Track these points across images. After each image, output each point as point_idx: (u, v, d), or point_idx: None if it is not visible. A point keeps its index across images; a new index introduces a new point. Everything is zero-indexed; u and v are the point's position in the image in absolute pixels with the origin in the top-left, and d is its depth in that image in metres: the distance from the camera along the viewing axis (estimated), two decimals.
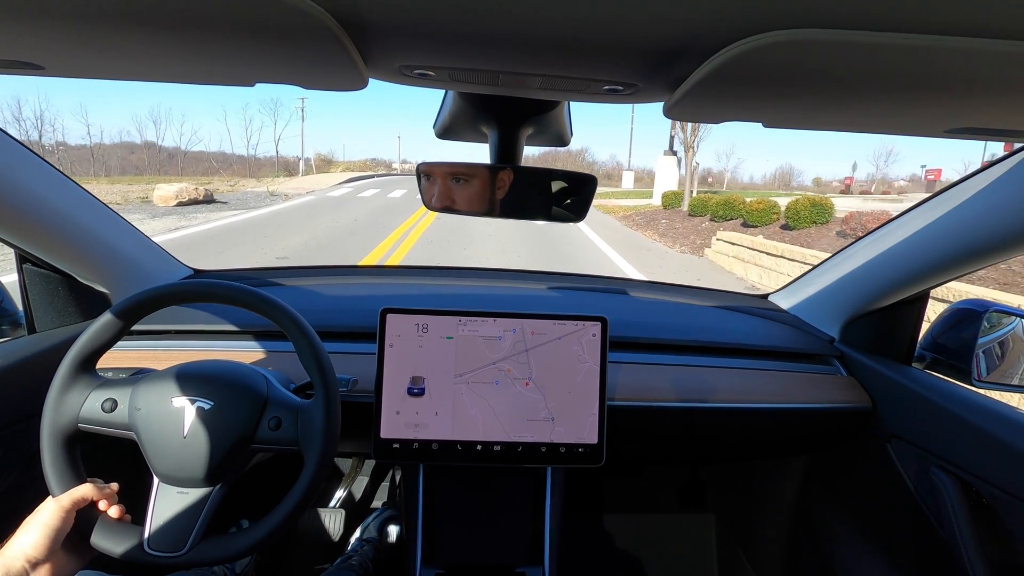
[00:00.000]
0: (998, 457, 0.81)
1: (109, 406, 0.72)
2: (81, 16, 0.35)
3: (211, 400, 0.71)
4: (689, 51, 0.38)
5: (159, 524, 0.70)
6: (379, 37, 0.39)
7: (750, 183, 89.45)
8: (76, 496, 0.67)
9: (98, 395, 0.72)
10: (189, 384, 0.73)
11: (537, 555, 0.96)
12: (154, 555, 0.68)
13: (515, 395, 0.91)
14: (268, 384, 0.76)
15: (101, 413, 0.71)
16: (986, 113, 0.46)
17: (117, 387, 0.73)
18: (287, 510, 0.71)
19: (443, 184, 0.70)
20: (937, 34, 0.31)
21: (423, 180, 0.70)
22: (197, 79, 0.53)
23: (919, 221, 0.90)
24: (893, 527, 1.04)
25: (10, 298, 1.01)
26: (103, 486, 0.71)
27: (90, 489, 0.69)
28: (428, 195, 0.71)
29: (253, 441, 0.72)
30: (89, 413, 0.71)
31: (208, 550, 0.70)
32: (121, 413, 0.72)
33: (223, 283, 0.75)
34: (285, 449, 0.73)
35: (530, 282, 1.38)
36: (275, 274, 1.32)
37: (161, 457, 0.70)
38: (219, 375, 0.75)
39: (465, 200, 0.70)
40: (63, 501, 0.66)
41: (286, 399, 0.75)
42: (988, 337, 0.96)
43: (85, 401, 0.72)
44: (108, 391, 0.73)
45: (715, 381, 1.06)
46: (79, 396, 0.72)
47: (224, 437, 0.71)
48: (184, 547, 0.69)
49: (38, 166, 0.84)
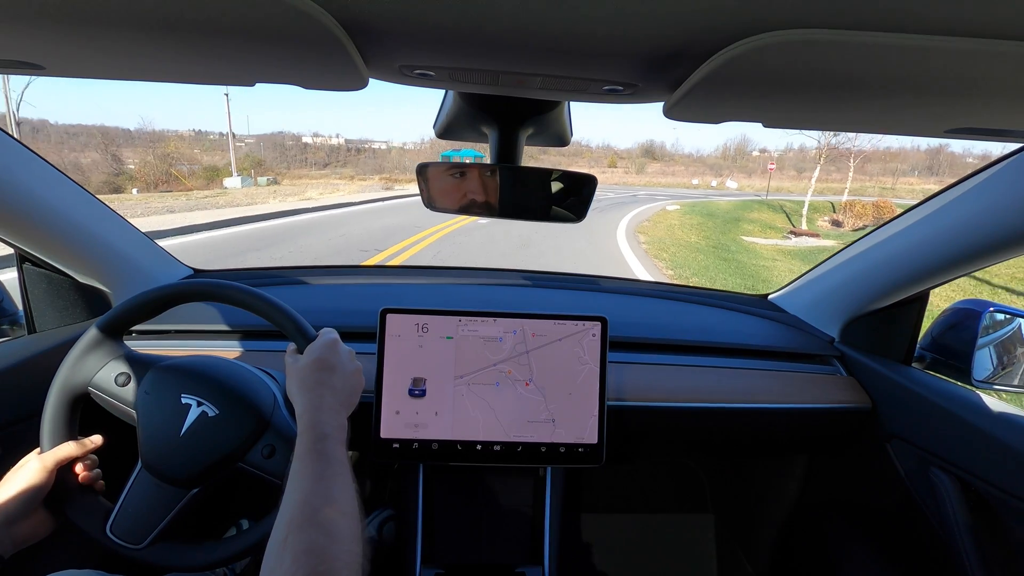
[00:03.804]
0: (998, 457, 0.81)
1: (123, 380, 0.72)
2: (82, 17, 0.35)
3: (217, 408, 0.71)
4: (689, 52, 0.38)
5: (127, 511, 0.70)
6: (380, 38, 0.39)
7: (698, 155, 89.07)
8: (60, 455, 0.68)
9: (116, 365, 0.73)
10: (203, 384, 0.73)
11: (537, 555, 0.96)
12: (112, 540, 0.68)
13: (515, 396, 0.91)
14: (275, 406, 0.76)
15: (113, 384, 0.72)
16: (986, 113, 0.46)
17: (136, 364, 0.74)
18: (250, 540, 0.70)
19: (443, 183, 0.70)
20: (937, 34, 0.31)
21: (423, 180, 0.70)
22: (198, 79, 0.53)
23: (919, 221, 0.90)
24: (893, 527, 1.04)
25: (10, 298, 1.01)
26: (85, 442, 0.72)
27: (74, 447, 0.70)
28: (428, 195, 0.71)
29: (242, 460, 0.72)
30: (102, 381, 0.72)
31: (163, 552, 0.69)
32: (131, 391, 0.72)
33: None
34: (268, 479, 0.72)
35: (530, 282, 1.38)
36: (275, 274, 1.32)
37: (152, 446, 0.70)
38: (233, 384, 0.74)
39: (465, 200, 0.70)
40: (46, 460, 0.67)
41: (287, 429, 0.74)
42: (988, 337, 0.96)
43: (102, 368, 0.72)
44: (126, 365, 0.73)
45: (715, 381, 1.06)
46: (99, 361, 0.73)
47: (216, 447, 0.70)
48: (143, 541, 0.69)
49: (38, 166, 0.84)
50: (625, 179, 44.76)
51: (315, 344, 0.72)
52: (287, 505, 0.53)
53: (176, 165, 28.31)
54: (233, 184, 24.41)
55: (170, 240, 8.00)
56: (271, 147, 55.90)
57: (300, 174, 41.66)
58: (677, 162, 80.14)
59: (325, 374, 0.68)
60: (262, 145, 53.94)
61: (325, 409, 0.64)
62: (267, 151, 53.22)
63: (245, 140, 59.54)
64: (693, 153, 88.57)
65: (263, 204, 13.84)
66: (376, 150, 66.21)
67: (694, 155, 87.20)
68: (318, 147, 65.60)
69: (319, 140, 68.78)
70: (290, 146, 60.49)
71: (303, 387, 0.67)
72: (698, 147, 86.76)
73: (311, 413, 0.63)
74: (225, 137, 63.86)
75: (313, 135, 70.69)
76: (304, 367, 0.69)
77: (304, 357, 0.70)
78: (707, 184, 47.68)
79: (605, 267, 7.19)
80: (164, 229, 8.52)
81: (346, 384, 0.70)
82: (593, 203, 0.72)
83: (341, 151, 65.22)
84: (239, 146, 54.02)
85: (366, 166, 51.97)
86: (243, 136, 64.50)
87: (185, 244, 7.79)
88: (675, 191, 35.08)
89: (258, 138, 59.90)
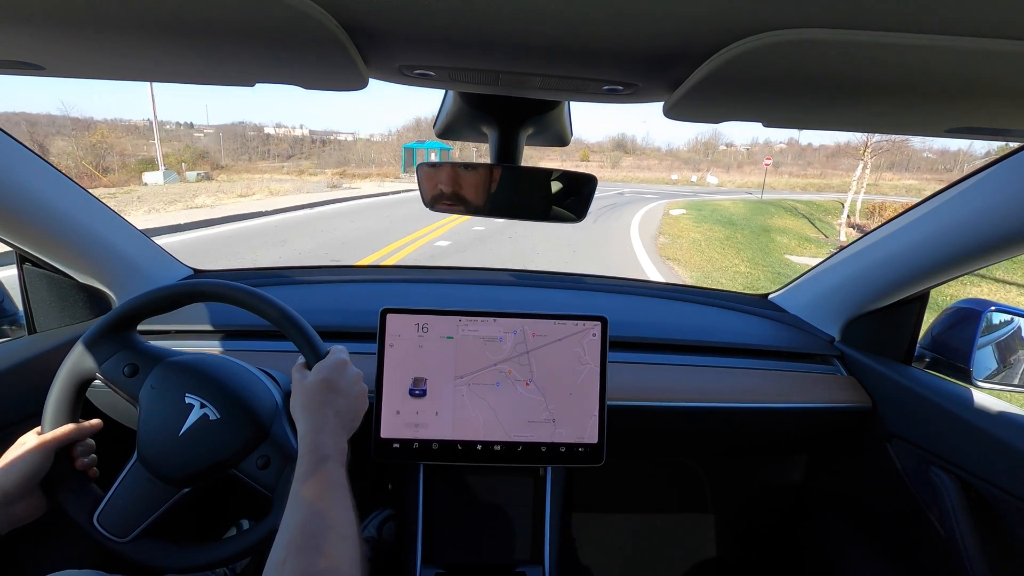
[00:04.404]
0: (998, 457, 0.81)
1: (129, 371, 0.73)
2: (82, 17, 0.35)
3: (219, 412, 0.72)
4: (689, 52, 0.38)
5: (116, 502, 0.70)
6: (380, 38, 0.39)
7: (669, 150, 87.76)
8: (59, 435, 0.68)
9: (125, 356, 0.73)
10: (208, 386, 0.73)
11: (537, 555, 0.96)
12: (97, 530, 0.69)
13: (516, 397, 0.91)
14: (275, 416, 0.75)
15: (121, 375, 0.73)
16: (986, 113, 0.46)
17: (145, 356, 0.74)
18: (232, 549, 0.70)
19: (443, 183, 0.70)
20: (937, 34, 0.31)
21: (424, 179, 0.70)
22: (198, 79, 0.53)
23: (919, 221, 0.90)
24: (893, 527, 1.04)
25: (10, 298, 1.01)
26: (84, 426, 0.72)
27: (74, 429, 0.70)
28: (428, 194, 0.71)
29: (235, 467, 0.72)
30: (109, 370, 0.73)
31: (145, 548, 0.69)
32: (136, 383, 0.73)
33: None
34: (258, 490, 0.72)
35: (530, 282, 1.38)
36: (275, 274, 1.32)
37: (151, 442, 0.71)
38: (238, 390, 0.74)
39: (465, 199, 0.70)
40: (47, 441, 0.67)
41: (285, 442, 0.73)
42: (988, 337, 0.96)
43: (112, 357, 0.73)
44: (135, 356, 0.74)
45: (715, 381, 1.06)
46: (109, 349, 0.73)
47: (213, 451, 0.71)
48: (127, 535, 0.69)
49: (38, 166, 0.84)
50: (601, 174, 43.98)
51: (324, 363, 0.72)
52: (286, 527, 0.54)
53: (107, 156, 24.88)
54: (154, 179, 20.89)
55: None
56: (231, 138, 52.79)
57: (248, 167, 36.76)
58: (650, 156, 78.63)
59: (331, 396, 0.69)
60: (221, 136, 50.13)
61: (328, 432, 0.65)
62: (227, 142, 49.66)
63: (204, 131, 57.01)
64: (663, 147, 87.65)
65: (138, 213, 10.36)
66: (342, 142, 63.47)
67: (663, 149, 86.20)
68: (281, 138, 62.99)
69: (282, 131, 66.22)
70: (251, 137, 57.24)
71: (307, 407, 0.67)
72: (669, 141, 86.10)
73: (313, 435, 0.64)
74: (182, 127, 59.35)
75: (276, 126, 68.15)
76: (310, 386, 0.69)
77: (312, 375, 0.71)
78: (687, 179, 45.57)
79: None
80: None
81: (350, 407, 0.70)
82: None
83: (305, 143, 62.35)
84: (197, 136, 51.91)
85: (330, 159, 48.48)
86: (201, 127, 62.04)
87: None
88: (659, 188, 32.80)
89: (217, 128, 56.75)
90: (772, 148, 75.94)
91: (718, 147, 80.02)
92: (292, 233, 9.00)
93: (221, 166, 35.58)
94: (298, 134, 65.76)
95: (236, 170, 33.96)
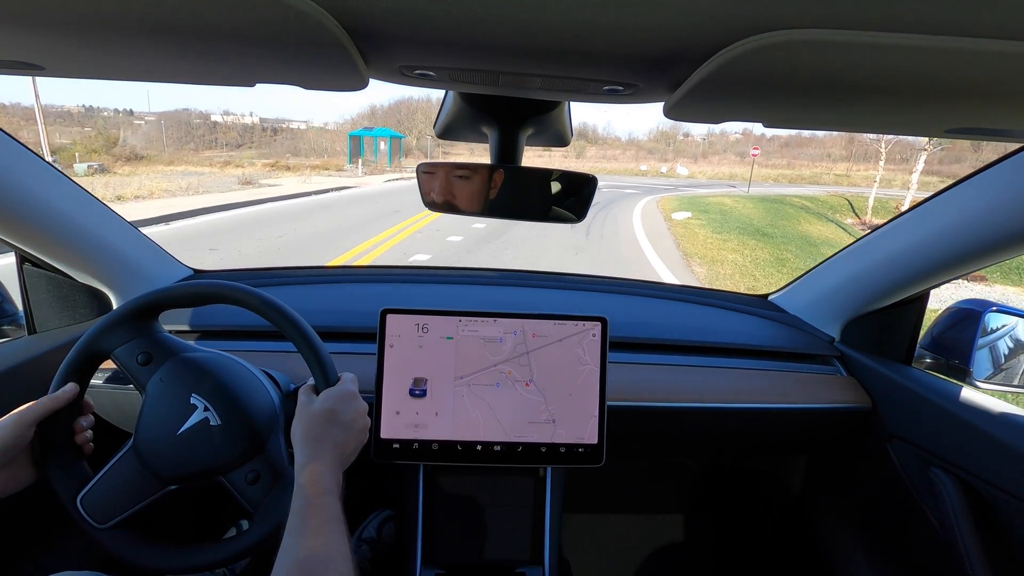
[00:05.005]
0: (998, 457, 0.81)
1: (143, 359, 0.73)
2: (82, 18, 0.35)
3: (221, 419, 0.71)
4: (689, 52, 0.38)
5: (102, 486, 0.70)
6: (380, 39, 0.39)
7: (631, 139, 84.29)
8: (38, 408, 0.67)
9: (141, 343, 0.74)
10: (216, 389, 0.73)
11: (537, 555, 0.96)
12: (78, 511, 0.69)
13: (516, 397, 0.91)
14: (273, 428, 0.75)
15: (133, 361, 0.73)
16: (986, 113, 0.46)
17: (160, 347, 0.75)
18: (215, 556, 0.70)
19: (443, 183, 0.70)
20: (937, 34, 0.31)
21: (423, 179, 0.70)
22: (199, 79, 0.53)
23: (919, 221, 0.90)
24: (893, 527, 1.04)
25: (10, 298, 1.01)
26: (60, 395, 0.70)
27: (72, 389, 0.70)
28: (428, 194, 0.71)
29: (224, 476, 0.71)
30: (124, 354, 0.73)
31: (120, 539, 0.69)
32: (147, 372, 0.73)
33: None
34: (242, 503, 0.71)
35: (530, 283, 1.38)
36: (275, 274, 1.32)
37: (147, 432, 0.71)
38: (243, 398, 0.74)
39: (465, 199, 0.70)
40: (25, 415, 0.66)
41: (278, 460, 0.73)
42: (988, 337, 0.96)
43: (129, 342, 0.73)
44: (151, 345, 0.74)
45: (715, 381, 1.06)
46: (127, 334, 0.74)
47: (206, 456, 0.70)
48: (106, 522, 0.69)
49: (38, 166, 0.84)
50: (565, 164, 40.69)
51: (332, 392, 0.72)
52: (284, 561, 0.54)
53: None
54: None
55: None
56: (174, 126, 48.54)
57: (192, 157, 33.08)
58: (613, 146, 76.03)
59: (335, 428, 0.68)
60: (163, 124, 45.84)
61: (327, 463, 0.64)
62: (170, 130, 45.73)
63: (145, 118, 52.68)
64: (623, 137, 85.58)
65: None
66: (295, 130, 59.54)
67: (624, 139, 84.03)
68: (229, 126, 58.23)
69: (230, 119, 61.42)
70: (197, 124, 52.64)
71: (308, 436, 0.67)
72: (630, 131, 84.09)
73: (313, 466, 0.63)
74: (121, 114, 53.98)
75: (224, 113, 63.12)
76: (315, 415, 0.69)
77: (318, 403, 0.70)
78: (656, 170, 42.89)
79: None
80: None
81: (350, 441, 0.70)
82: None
83: (256, 131, 58.18)
84: (137, 124, 48.44)
85: (280, 148, 44.62)
86: (142, 114, 58.15)
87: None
88: (633, 180, 30.14)
89: (159, 115, 51.87)
90: (727, 138, 74.63)
91: (677, 137, 78.46)
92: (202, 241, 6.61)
93: (140, 156, 30.18)
94: (248, 122, 61.81)
95: (162, 161, 29.23)
